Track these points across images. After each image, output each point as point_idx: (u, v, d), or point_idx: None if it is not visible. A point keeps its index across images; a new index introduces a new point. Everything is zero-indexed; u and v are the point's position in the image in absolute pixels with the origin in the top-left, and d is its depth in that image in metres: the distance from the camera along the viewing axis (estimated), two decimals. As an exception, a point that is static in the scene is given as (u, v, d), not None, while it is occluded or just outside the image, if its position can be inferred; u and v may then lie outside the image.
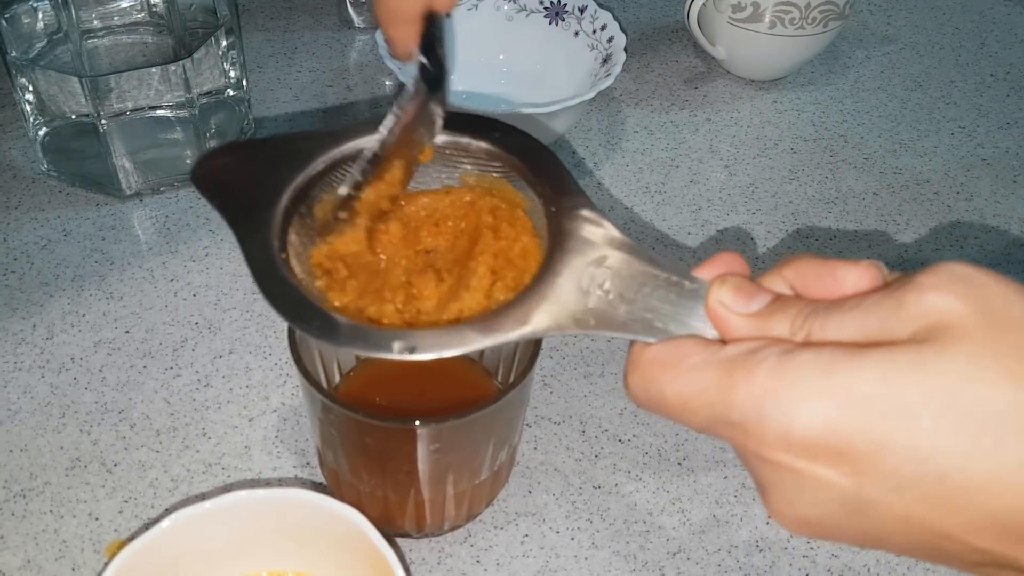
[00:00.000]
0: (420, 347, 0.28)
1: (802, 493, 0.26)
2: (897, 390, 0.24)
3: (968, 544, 0.24)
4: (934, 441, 0.23)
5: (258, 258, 0.30)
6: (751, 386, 0.25)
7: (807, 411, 0.24)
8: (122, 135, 0.57)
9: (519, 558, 0.43)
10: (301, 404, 0.49)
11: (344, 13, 0.75)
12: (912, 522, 0.24)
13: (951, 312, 0.24)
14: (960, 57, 0.78)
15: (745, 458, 0.27)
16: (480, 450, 0.39)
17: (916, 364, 0.24)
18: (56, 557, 0.42)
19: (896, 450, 0.23)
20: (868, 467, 0.24)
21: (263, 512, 0.36)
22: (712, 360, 0.27)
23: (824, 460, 0.24)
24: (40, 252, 0.56)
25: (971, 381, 0.23)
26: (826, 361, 0.25)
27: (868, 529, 0.25)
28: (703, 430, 0.27)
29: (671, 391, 0.27)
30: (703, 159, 0.66)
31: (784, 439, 0.25)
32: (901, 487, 0.24)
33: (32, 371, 0.49)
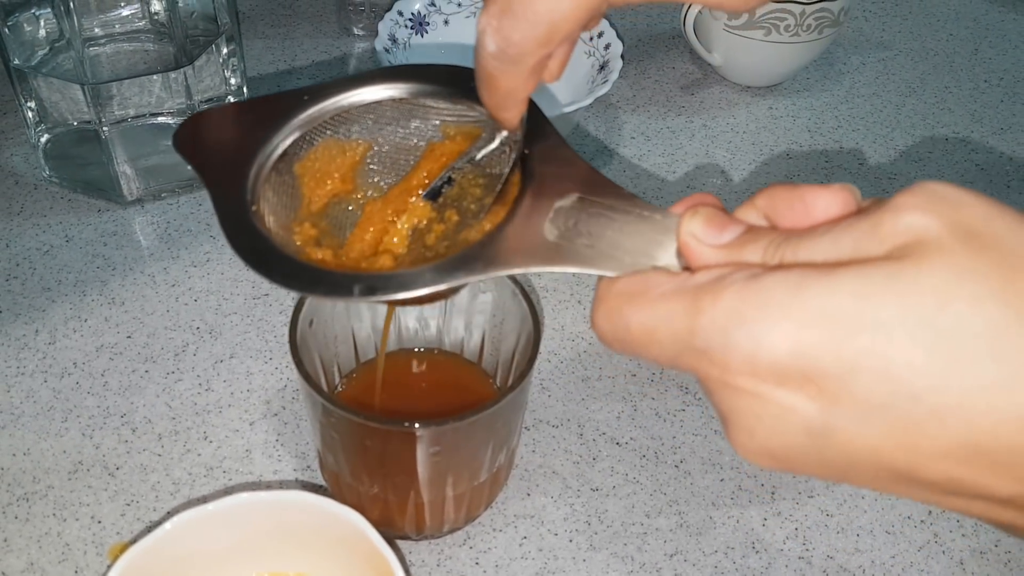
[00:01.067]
0: (380, 288, 0.28)
1: (765, 421, 0.24)
2: (870, 307, 0.22)
3: (940, 472, 0.23)
4: (909, 360, 0.22)
5: (227, 209, 0.30)
6: (716, 309, 0.24)
7: (774, 332, 0.23)
8: (124, 142, 0.58)
9: (518, 560, 0.44)
10: (302, 407, 0.49)
11: (344, 20, 0.75)
12: (881, 452, 0.23)
13: (929, 230, 0.23)
14: (954, 63, 0.79)
15: (709, 388, 0.26)
16: (479, 452, 0.39)
17: (891, 280, 0.22)
18: (59, 560, 0.42)
19: (868, 370, 0.22)
20: (837, 390, 0.23)
21: (264, 514, 0.37)
22: (679, 288, 0.26)
23: (790, 384, 0.23)
24: (42, 258, 0.56)
25: (949, 298, 0.22)
26: (795, 281, 0.23)
27: (834, 459, 0.24)
28: (670, 363, 0.26)
29: (636, 321, 0.26)
30: (699, 165, 0.67)
31: (749, 362, 0.23)
32: (871, 411, 0.22)
33: (35, 376, 0.50)
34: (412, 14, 0.66)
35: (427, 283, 0.28)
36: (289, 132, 0.33)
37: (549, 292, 0.56)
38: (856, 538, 0.45)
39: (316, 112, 0.34)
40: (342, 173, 0.35)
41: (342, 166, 0.35)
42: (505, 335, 0.44)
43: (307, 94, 0.34)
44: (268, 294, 0.55)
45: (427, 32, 0.67)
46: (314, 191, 0.34)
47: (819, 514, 0.46)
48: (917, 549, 0.45)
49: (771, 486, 0.47)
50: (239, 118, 0.34)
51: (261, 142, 0.33)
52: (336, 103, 0.34)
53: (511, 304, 0.43)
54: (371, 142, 0.35)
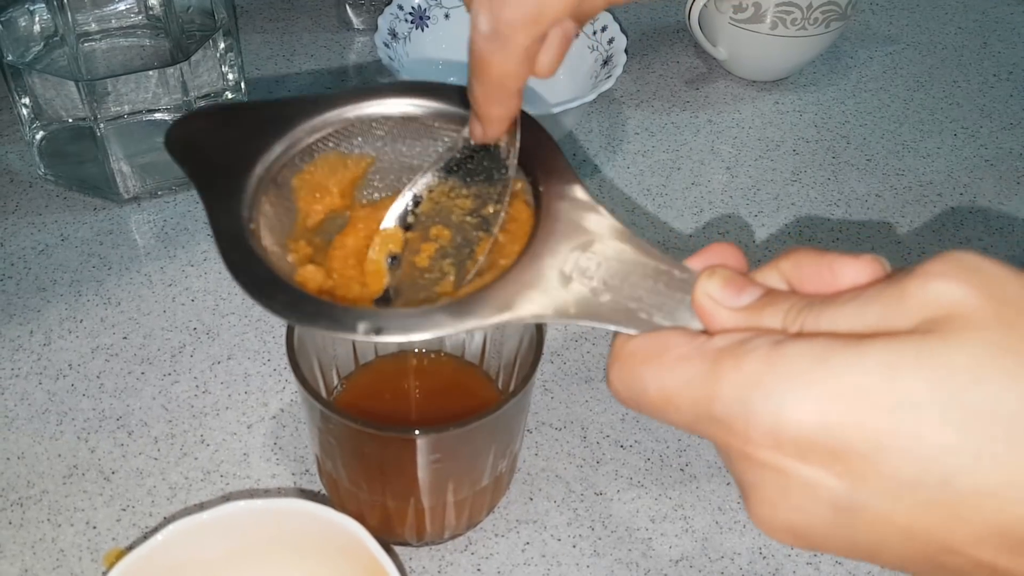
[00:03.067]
0: (386, 329, 0.27)
1: (788, 497, 0.23)
2: (899, 383, 0.21)
3: (972, 558, 0.22)
4: (940, 440, 0.21)
5: (225, 228, 0.29)
6: (738, 377, 0.23)
7: (798, 404, 0.22)
8: (119, 139, 0.57)
9: (520, 566, 0.43)
10: (300, 410, 0.48)
11: (343, 14, 0.74)
12: (913, 532, 0.22)
13: (959, 302, 0.22)
14: (963, 57, 0.77)
15: (729, 458, 0.25)
16: (481, 458, 0.39)
17: (921, 356, 0.21)
18: (54, 566, 0.42)
19: (897, 449, 0.21)
20: (865, 468, 0.22)
21: (260, 522, 0.36)
22: (698, 352, 0.25)
23: (815, 460, 0.22)
24: (37, 257, 0.55)
25: (982, 376, 0.21)
26: (821, 351, 0.22)
27: (861, 539, 0.23)
28: (688, 428, 0.25)
29: (654, 386, 0.25)
30: (704, 160, 0.66)
31: (771, 435, 0.22)
32: (901, 491, 0.22)
33: (29, 378, 0.49)
34: (412, 8, 0.65)
35: (435, 327, 0.27)
36: (290, 141, 0.32)
37: (552, 291, 0.55)
38: (865, 543, 0.44)
39: (319, 122, 0.33)
40: (341, 188, 0.33)
41: (342, 181, 0.33)
42: (507, 337, 0.43)
43: (310, 102, 0.33)
44: (266, 294, 0.54)
45: (427, 26, 0.66)
46: (311, 206, 0.33)
47: (827, 519, 0.45)
48: (927, 554, 0.44)
49: (778, 490, 0.46)
50: (236, 121, 0.32)
51: (260, 150, 0.31)
52: (340, 114, 0.33)
53: (513, 306, 0.42)
54: (374, 158, 0.34)
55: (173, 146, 0.32)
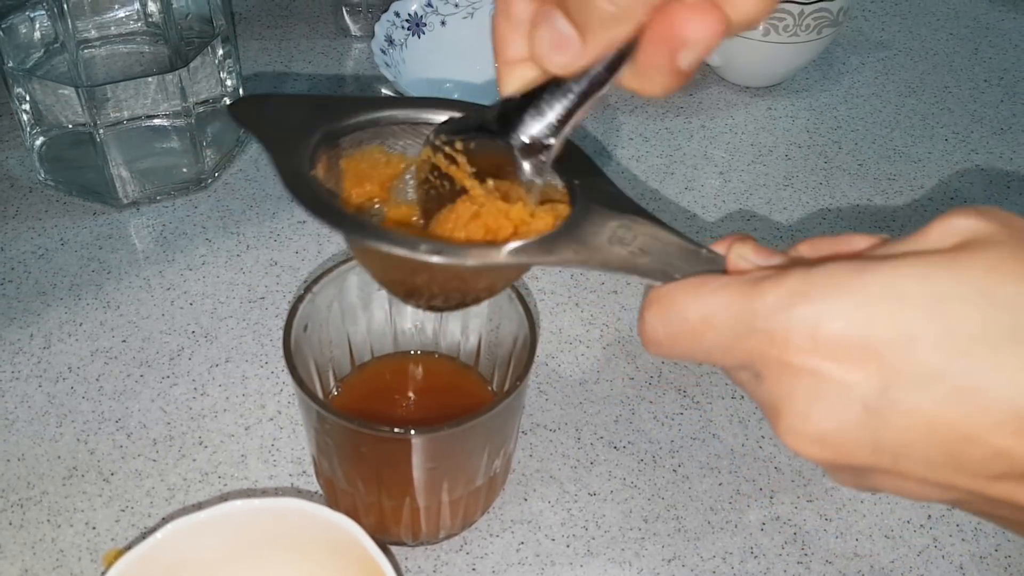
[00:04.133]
0: (445, 251, 0.28)
1: (822, 401, 0.24)
2: (931, 285, 0.23)
3: (991, 445, 0.23)
4: (966, 329, 0.23)
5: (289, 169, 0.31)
6: (779, 290, 0.25)
7: (838, 308, 0.24)
8: (119, 144, 0.58)
9: (515, 566, 0.43)
10: (297, 412, 0.49)
11: (340, 21, 0.75)
12: (936, 425, 0.23)
13: (979, 230, 0.24)
14: (954, 63, 0.78)
15: (765, 373, 0.26)
16: (475, 458, 0.39)
17: (950, 263, 0.23)
18: (53, 566, 0.42)
19: (927, 340, 0.23)
20: (896, 361, 0.23)
21: (258, 522, 0.37)
22: (738, 280, 0.26)
23: (851, 359, 0.24)
24: (37, 261, 0.56)
25: (1006, 276, 0.23)
26: (858, 264, 0.24)
27: (887, 438, 0.24)
28: (723, 351, 0.26)
29: (693, 310, 0.27)
30: (698, 166, 0.66)
31: (811, 337, 0.24)
32: (929, 382, 0.23)
33: (29, 380, 0.50)
34: (409, 15, 0.66)
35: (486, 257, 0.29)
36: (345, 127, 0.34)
37: (547, 295, 0.56)
38: (855, 542, 0.45)
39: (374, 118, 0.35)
40: (381, 181, 0.35)
41: (382, 175, 0.35)
42: (502, 338, 0.44)
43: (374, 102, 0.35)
44: (264, 298, 0.55)
45: (424, 33, 0.67)
46: (353, 187, 0.35)
47: (818, 519, 0.46)
48: (916, 554, 0.45)
49: (769, 490, 0.47)
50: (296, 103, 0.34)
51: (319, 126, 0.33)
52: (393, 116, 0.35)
53: (508, 307, 0.42)
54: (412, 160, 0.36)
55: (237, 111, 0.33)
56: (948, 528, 0.46)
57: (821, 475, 0.48)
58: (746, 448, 0.49)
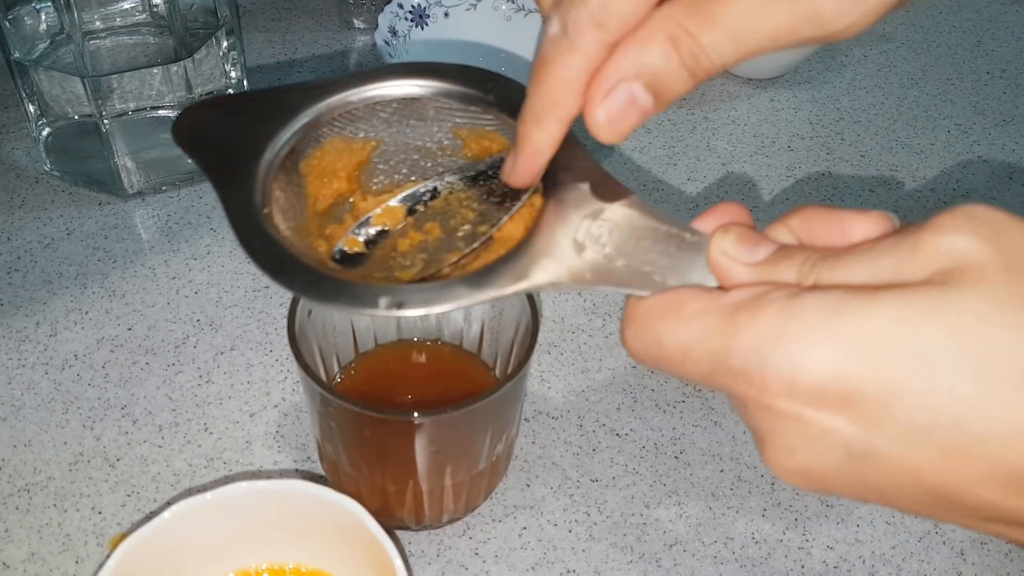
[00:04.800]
0: (408, 303, 0.27)
1: (805, 442, 0.24)
2: (913, 332, 0.22)
3: (981, 498, 0.23)
4: (952, 386, 0.22)
5: (239, 214, 0.29)
6: (755, 330, 0.24)
7: (814, 354, 0.23)
8: (124, 135, 0.58)
9: (517, 550, 0.44)
10: (301, 400, 0.49)
11: (344, 14, 0.75)
12: (923, 475, 0.23)
13: (971, 254, 0.23)
14: (957, 55, 0.78)
15: (745, 408, 0.25)
16: (477, 441, 0.39)
17: (934, 306, 0.22)
18: (60, 550, 0.43)
19: (910, 395, 0.22)
20: (879, 414, 0.23)
21: (263, 504, 0.37)
22: (714, 306, 0.25)
23: (831, 407, 0.23)
24: (43, 251, 0.56)
25: (993, 325, 0.22)
26: (836, 303, 0.23)
27: (872, 482, 0.24)
28: (705, 380, 0.26)
29: (670, 341, 0.26)
30: (700, 157, 0.67)
31: (788, 384, 0.23)
32: (914, 436, 0.22)
33: (36, 368, 0.50)
34: (412, 7, 0.66)
35: (456, 298, 0.28)
36: (295, 128, 0.32)
37: (549, 284, 0.56)
38: (856, 528, 0.45)
39: (324, 108, 0.33)
40: (348, 172, 0.34)
41: (348, 165, 0.34)
42: (504, 325, 0.44)
43: (314, 88, 0.33)
44: (268, 287, 0.55)
45: (427, 25, 0.67)
46: (319, 190, 0.33)
47: (819, 504, 0.46)
48: (917, 539, 0.45)
49: (771, 477, 0.47)
50: (242, 110, 0.33)
51: (268, 137, 0.32)
52: (344, 99, 0.33)
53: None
54: (379, 141, 0.34)
55: (181, 137, 0.32)
56: (949, 514, 0.46)
57: (822, 462, 0.48)
58: (747, 435, 0.49)
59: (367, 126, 0.34)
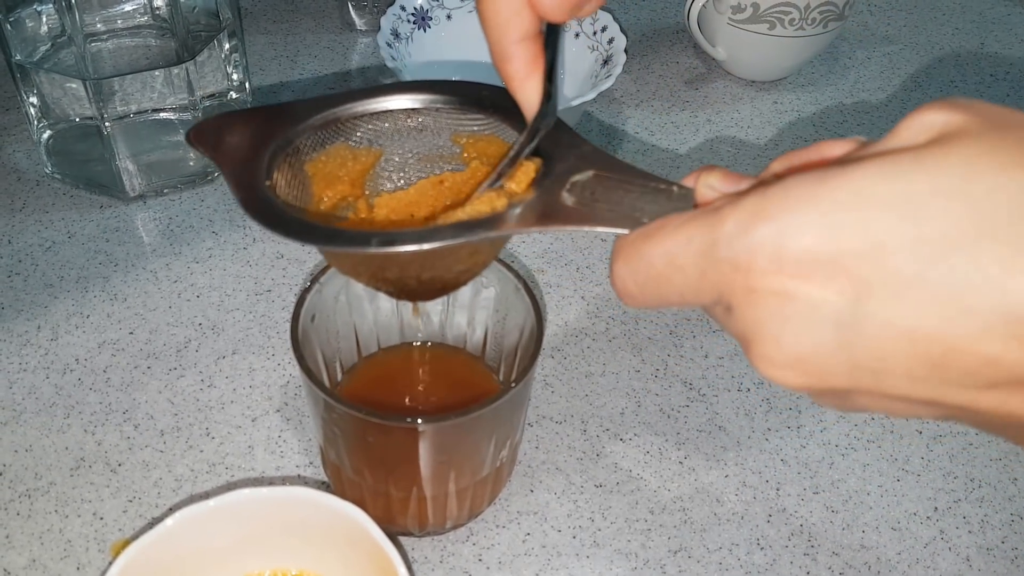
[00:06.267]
0: (398, 240, 0.28)
1: (793, 323, 0.23)
2: (898, 185, 0.21)
3: (978, 354, 0.21)
4: (942, 232, 0.21)
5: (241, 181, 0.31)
6: (738, 214, 0.23)
7: (798, 221, 0.22)
8: (126, 138, 0.58)
9: (521, 556, 0.43)
10: (304, 404, 0.49)
11: (346, 16, 0.75)
12: (916, 335, 0.22)
13: (950, 122, 0.22)
14: (960, 58, 0.78)
15: (734, 304, 0.24)
16: (481, 448, 0.39)
17: (918, 161, 0.21)
18: (61, 556, 0.42)
19: (899, 246, 0.21)
20: (867, 272, 0.22)
21: (266, 510, 0.37)
22: (698, 213, 0.25)
23: (818, 276, 0.22)
24: (44, 254, 0.56)
25: (980, 169, 0.21)
26: (819, 174, 0.22)
27: (864, 355, 0.23)
28: (694, 291, 0.25)
29: (657, 253, 0.25)
30: (704, 160, 0.66)
31: (775, 257, 0.23)
32: (904, 290, 0.21)
33: (37, 372, 0.50)
34: (414, 9, 0.66)
35: (446, 236, 0.28)
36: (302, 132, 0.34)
37: (553, 288, 0.56)
38: (862, 534, 0.45)
39: (329, 115, 0.34)
40: (351, 178, 0.35)
41: (352, 171, 0.35)
42: (508, 330, 0.44)
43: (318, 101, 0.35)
44: (271, 290, 0.55)
45: (430, 27, 0.67)
46: (324, 191, 0.35)
47: (824, 510, 0.46)
48: (923, 545, 0.45)
49: (776, 482, 0.47)
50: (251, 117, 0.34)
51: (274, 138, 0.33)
52: (349, 109, 0.35)
53: (514, 299, 0.42)
54: (381, 150, 0.36)
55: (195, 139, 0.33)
56: (955, 520, 0.46)
57: (828, 467, 0.48)
58: (752, 440, 0.49)
59: (371, 136, 0.35)
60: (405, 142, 0.36)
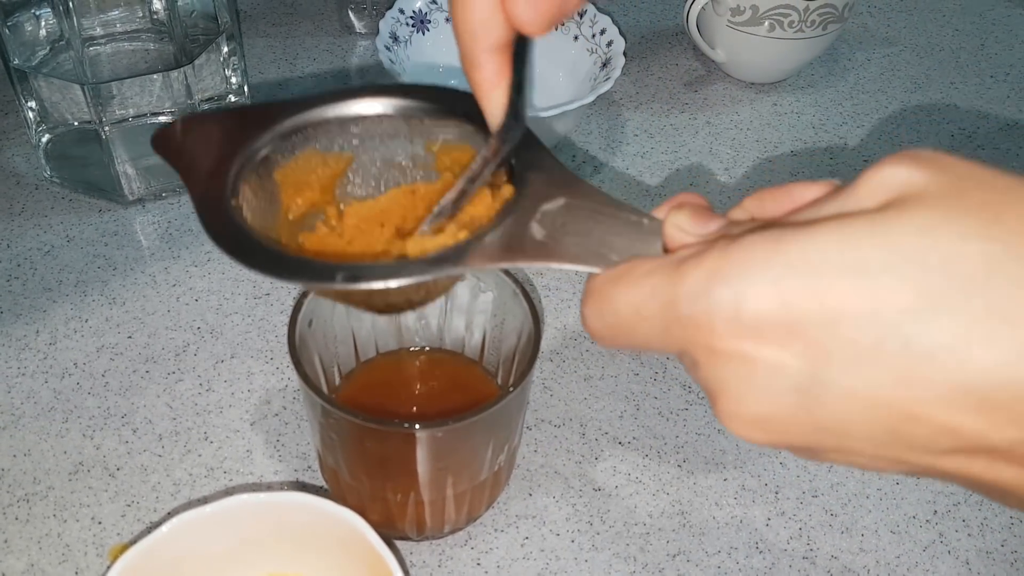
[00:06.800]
0: (365, 276, 0.28)
1: (753, 386, 0.23)
2: (853, 251, 0.21)
3: (937, 423, 0.21)
4: (897, 302, 0.21)
5: (204, 200, 0.30)
6: (698, 272, 0.24)
7: (756, 286, 0.22)
8: (124, 142, 0.58)
9: (519, 560, 0.43)
10: (302, 408, 0.49)
11: (345, 19, 0.75)
12: (876, 402, 0.22)
13: (911, 182, 0.22)
14: (960, 59, 0.78)
15: (697, 361, 0.25)
16: (479, 452, 0.39)
17: (875, 226, 0.21)
18: (59, 561, 0.42)
19: (854, 316, 0.21)
20: (823, 340, 0.22)
21: (263, 516, 0.37)
22: (662, 263, 0.25)
23: (775, 340, 0.22)
24: (43, 258, 0.56)
25: (936, 238, 0.21)
26: (775, 235, 0.23)
27: (825, 419, 0.23)
28: (660, 341, 0.25)
29: (623, 301, 0.26)
30: (703, 162, 0.66)
31: (733, 321, 0.23)
32: (861, 359, 0.21)
33: (35, 376, 0.50)
34: (413, 12, 0.66)
35: (413, 273, 0.28)
36: (270, 139, 0.33)
37: (551, 291, 0.56)
38: (861, 538, 0.45)
39: (298, 121, 0.34)
40: (322, 184, 0.35)
41: (322, 177, 0.35)
42: (506, 334, 0.44)
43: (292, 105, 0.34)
44: (269, 294, 0.55)
45: (428, 30, 0.67)
46: (293, 199, 0.34)
47: (823, 514, 0.46)
48: (922, 549, 0.45)
49: (775, 486, 0.47)
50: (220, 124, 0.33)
51: (242, 146, 0.33)
52: (320, 114, 0.34)
53: (512, 303, 0.42)
54: (352, 155, 0.35)
55: (158, 145, 0.33)
56: (954, 523, 0.46)
57: (827, 470, 0.48)
58: (751, 444, 0.49)
59: (342, 141, 0.35)
60: (377, 148, 0.35)
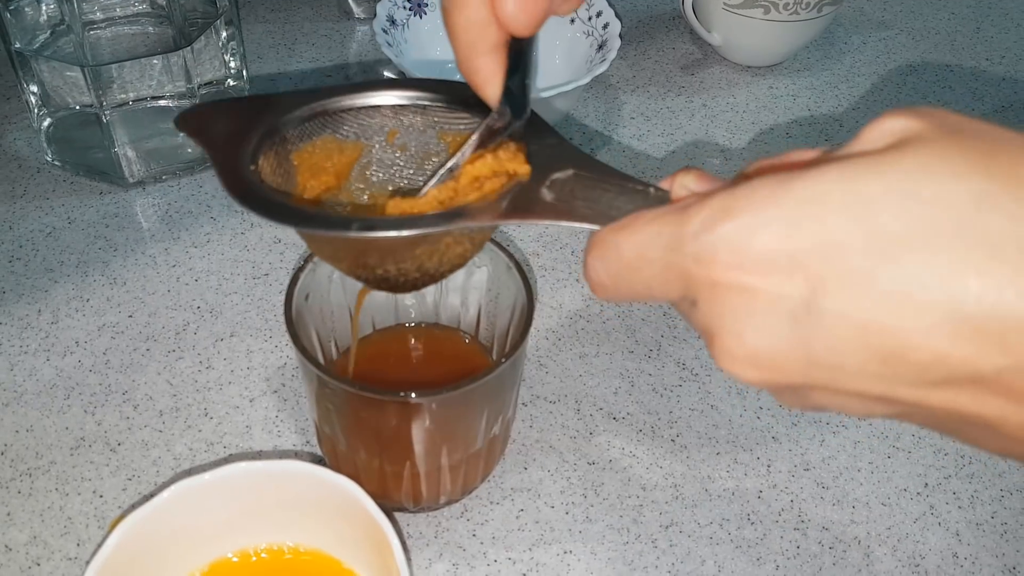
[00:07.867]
0: (378, 226, 0.29)
1: (752, 317, 0.24)
2: (856, 185, 0.23)
3: (929, 350, 0.22)
4: (892, 231, 0.22)
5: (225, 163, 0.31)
6: (704, 211, 0.25)
7: (761, 221, 0.23)
8: (125, 125, 0.58)
9: (515, 531, 0.44)
10: (300, 385, 0.49)
11: (344, 4, 0.76)
12: (869, 329, 0.23)
13: (910, 128, 0.23)
14: (956, 42, 0.78)
15: (698, 299, 0.25)
16: (474, 422, 0.40)
17: (877, 164, 0.23)
18: (61, 533, 0.43)
19: (853, 244, 0.22)
20: (822, 268, 0.23)
21: (262, 484, 0.37)
22: (668, 209, 0.26)
23: (778, 272, 0.23)
24: (45, 239, 0.57)
25: (934, 173, 0.22)
26: (783, 176, 0.24)
27: (819, 351, 0.24)
28: (661, 284, 0.26)
29: (627, 246, 0.27)
30: (699, 145, 0.67)
31: (737, 253, 0.24)
32: (857, 286, 0.22)
33: (38, 354, 0.50)
34: (411, -4, 0.66)
35: (427, 225, 0.29)
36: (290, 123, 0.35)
37: (548, 271, 0.57)
38: (852, 510, 0.46)
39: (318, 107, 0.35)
40: (337, 169, 0.36)
41: (338, 163, 0.36)
42: (501, 309, 0.44)
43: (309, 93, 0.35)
44: (268, 274, 0.55)
45: (426, 13, 0.67)
46: (308, 180, 0.35)
47: (815, 486, 0.46)
48: (913, 521, 0.45)
49: (767, 459, 0.47)
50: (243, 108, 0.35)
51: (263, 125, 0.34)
52: (338, 103, 0.35)
53: (506, 278, 0.43)
54: (368, 144, 0.36)
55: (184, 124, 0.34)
56: (944, 496, 0.46)
57: (819, 444, 0.48)
58: (744, 419, 0.49)
59: (358, 130, 0.36)
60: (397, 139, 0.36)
